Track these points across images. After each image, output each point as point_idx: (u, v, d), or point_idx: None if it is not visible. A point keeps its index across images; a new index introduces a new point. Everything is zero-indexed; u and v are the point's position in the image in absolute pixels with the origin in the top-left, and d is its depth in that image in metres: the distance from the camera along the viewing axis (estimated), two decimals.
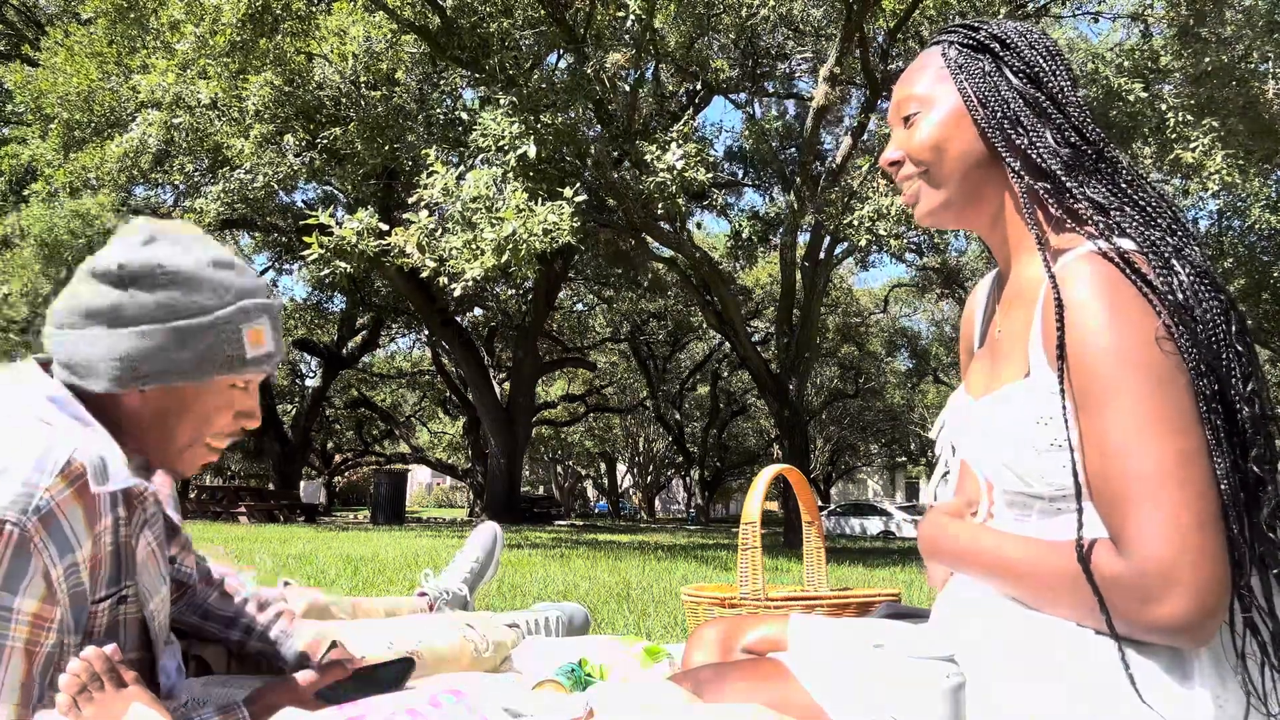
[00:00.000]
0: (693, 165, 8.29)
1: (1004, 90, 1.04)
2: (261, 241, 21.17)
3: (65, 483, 1.04)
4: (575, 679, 1.74)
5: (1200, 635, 0.86)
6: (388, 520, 19.18)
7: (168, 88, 10.81)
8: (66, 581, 1.06)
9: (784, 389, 13.04)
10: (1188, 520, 0.86)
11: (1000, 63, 1.06)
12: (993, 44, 1.06)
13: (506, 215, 7.28)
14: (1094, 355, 0.90)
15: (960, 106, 1.06)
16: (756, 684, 1.05)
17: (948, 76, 1.08)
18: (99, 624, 1.15)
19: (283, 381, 28.91)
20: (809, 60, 15.47)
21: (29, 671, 1.03)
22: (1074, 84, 1.05)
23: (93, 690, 1.02)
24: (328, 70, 11.02)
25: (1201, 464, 0.87)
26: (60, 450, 1.05)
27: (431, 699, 1.09)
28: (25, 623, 1.02)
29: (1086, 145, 1.02)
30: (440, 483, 61.51)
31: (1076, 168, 1.01)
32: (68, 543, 1.05)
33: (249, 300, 1.20)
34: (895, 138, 1.12)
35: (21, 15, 16.62)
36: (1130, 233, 0.95)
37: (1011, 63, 1.05)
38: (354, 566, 5.58)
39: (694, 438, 33.67)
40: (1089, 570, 0.89)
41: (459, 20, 10.13)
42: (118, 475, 1.10)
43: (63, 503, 1.04)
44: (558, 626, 2.37)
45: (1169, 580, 0.85)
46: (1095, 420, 0.91)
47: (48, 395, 1.12)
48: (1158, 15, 11.32)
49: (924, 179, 1.10)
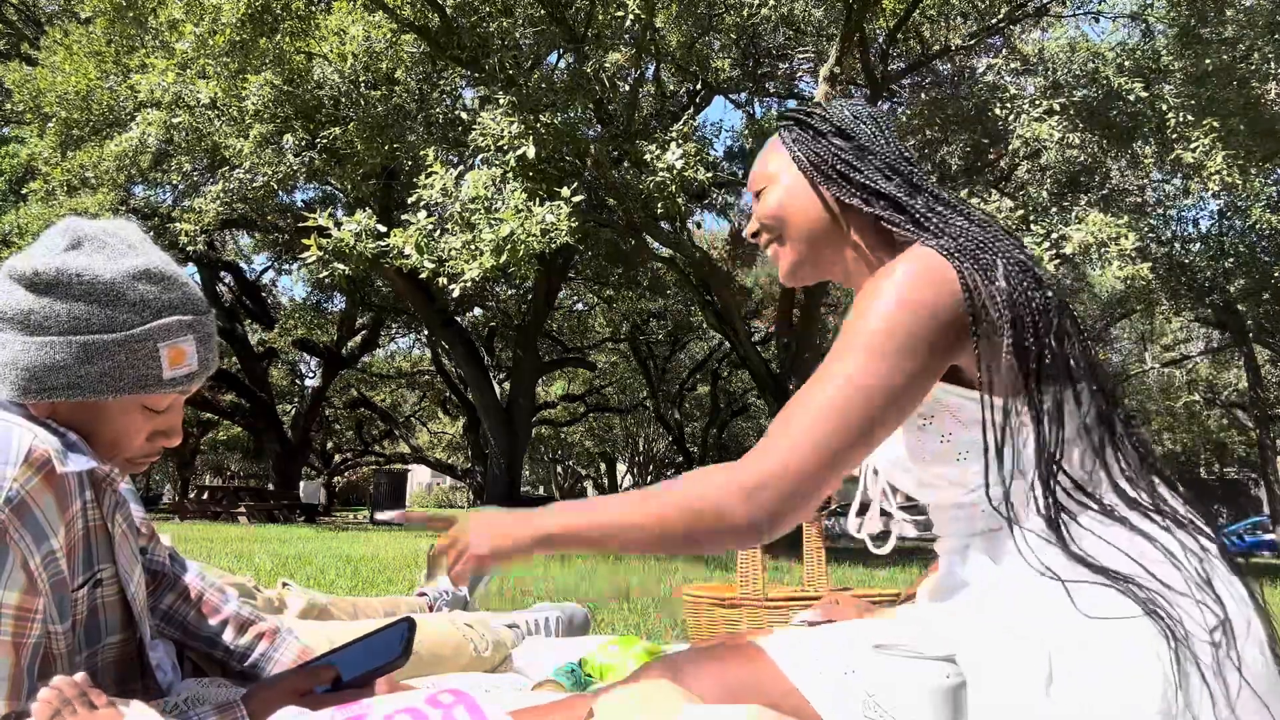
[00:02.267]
0: (692, 165, 8.29)
1: (828, 145, 1.18)
2: (261, 241, 21.17)
3: (32, 470, 1.02)
4: (575, 679, 1.74)
5: (763, 538, 0.95)
6: (388, 520, 19.18)
7: (167, 87, 10.80)
8: (46, 570, 1.05)
9: (784, 389, 13.04)
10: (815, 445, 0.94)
11: (818, 131, 1.20)
12: (814, 120, 1.21)
13: (505, 216, 7.28)
14: (858, 309, 1.00)
15: (797, 173, 1.20)
16: (731, 667, 1.05)
17: (784, 151, 1.22)
18: (79, 610, 1.15)
19: (283, 381, 28.92)
20: (809, 60, 15.47)
21: (17, 663, 1.02)
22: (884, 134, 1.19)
23: (65, 716, 1.01)
24: (327, 70, 11.02)
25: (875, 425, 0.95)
26: (21, 438, 1.03)
27: (431, 699, 1.08)
28: (9, 616, 1.01)
29: (902, 175, 1.14)
30: (440, 483, 61.47)
31: (904, 188, 1.13)
32: (43, 531, 1.04)
33: (172, 317, 1.14)
34: (754, 212, 1.26)
35: (21, 14, 16.62)
36: (952, 232, 1.04)
37: (826, 127, 1.19)
38: (354, 566, 5.57)
39: (694, 438, 33.68)
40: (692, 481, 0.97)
41: (459, 20, 10.13)
42: (81, 458, 1.08)
43: (33, 491, 1.02)
44: (557, 626, 2.36)
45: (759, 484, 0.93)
46: (833, 348, 1.00)
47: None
48: (1158, 15, 11.31)
49: (778, 243, 1.22)
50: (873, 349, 0.96)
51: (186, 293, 1.17)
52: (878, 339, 0.96)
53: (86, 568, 1.15)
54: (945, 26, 13.10)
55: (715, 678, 1.03)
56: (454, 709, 1.06)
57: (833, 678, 1.02)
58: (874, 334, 0.96)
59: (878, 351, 0.96)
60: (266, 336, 22.96)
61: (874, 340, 0.96)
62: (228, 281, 23.53)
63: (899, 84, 13.96)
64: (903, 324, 0.96)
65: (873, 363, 0.95)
